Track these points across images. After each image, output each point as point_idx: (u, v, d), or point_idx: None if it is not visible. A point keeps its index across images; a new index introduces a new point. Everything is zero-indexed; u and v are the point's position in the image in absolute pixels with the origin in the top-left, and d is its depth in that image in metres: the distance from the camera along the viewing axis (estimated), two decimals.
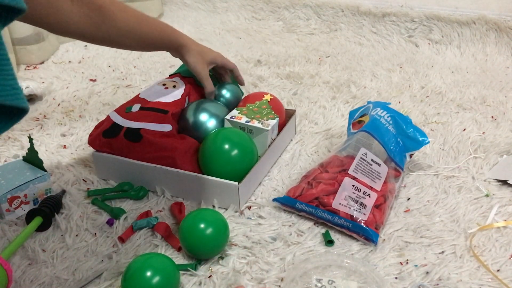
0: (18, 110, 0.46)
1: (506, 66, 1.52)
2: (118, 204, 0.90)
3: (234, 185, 0.85)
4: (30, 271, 0.75)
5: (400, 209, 0.87)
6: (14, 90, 0.45)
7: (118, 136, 0.92)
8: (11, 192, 0.85)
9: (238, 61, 1.59)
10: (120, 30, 0.88)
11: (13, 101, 0.45)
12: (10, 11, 0.43)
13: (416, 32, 1.71)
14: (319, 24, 1.87)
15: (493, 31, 1.60)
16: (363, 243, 0.79)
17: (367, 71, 1.50)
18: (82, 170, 1.00)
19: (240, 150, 0.89)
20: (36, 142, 1.10)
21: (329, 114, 1.23)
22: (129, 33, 0.89)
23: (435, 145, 1.08)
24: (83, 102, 1.32)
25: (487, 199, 0.89)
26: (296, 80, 1.45)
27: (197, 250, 0.75)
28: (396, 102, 1.29)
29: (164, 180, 0.91)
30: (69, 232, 0.83)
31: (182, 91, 1.03)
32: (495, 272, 0.73)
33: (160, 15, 2.07)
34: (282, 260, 0.76)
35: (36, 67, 1.56)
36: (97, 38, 0.87)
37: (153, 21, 0.94)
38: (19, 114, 0.47)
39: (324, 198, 0.83)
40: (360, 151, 0.88)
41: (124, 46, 0.93)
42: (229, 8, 2.05)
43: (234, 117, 0.97)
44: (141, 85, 1.43)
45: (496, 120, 1.18)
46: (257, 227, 0.83)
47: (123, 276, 0.67)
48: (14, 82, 0.45)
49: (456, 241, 0.79)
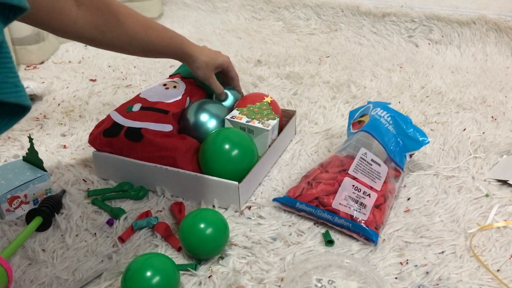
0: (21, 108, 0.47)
1: (506, 66, 1.52)
2: (118, 204, 0.90)
3: (234, 185, 0.85)
4: (30, 271, 0.75)
5: (400, 209, 0.87)
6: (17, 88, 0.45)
7: (118, 135, 0.92)
8: (11, 192, 0.85)
9: (238, 61, 1.59)
10: (127, 37, 0.86)
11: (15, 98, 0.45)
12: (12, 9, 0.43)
13: (416, 32, 1.71)
14: (319, 24, 1.87)
15: (493, 31, 1.60)
16: (363, 243, 0.79)
17: (367, 71, 1.50)
18: (82, 170, 1.00)
19: (240, 150, 0.89)
20: (36, 142, 1.10)
21: (329, 114, 1.23)
22: (136, 40, 0.88)
23: (435, 145, 1.08)
24: (83, 102, 1.32)
25: (487, 199, 0.89)
26: (296, 80, 1.45)
27: (197, 250, 0.75)
28: (396, 102, 1.29)
29: (164, 180, 0.91)
30: (69, 232, 0.83)
31: (182, 92, 1.03)
32: (495, 272, 0.73)
33: (160, 15, 2.07)
34: (282, 260, 0.76)
35: (36, 67, 1.56)
36: (102, 43, 0.85)
37: (161, 29, 0.93)
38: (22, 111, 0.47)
39: (324, 198, 0.83)
40: (360, 151, 0.88)
41: (130, 52, 0.91)
42: (229, 8, 2.05)
43: (235, 117, 0.97)
44: (141, 85, 1.43)
45: (496, 120, 1.18)
46: (257, 227, 0.83)
47: (123, 276, 0.67)
48: (16, 80, 0.45)
49: (456, 241, 0.79)
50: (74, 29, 0.78)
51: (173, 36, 0.95)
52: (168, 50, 0.95)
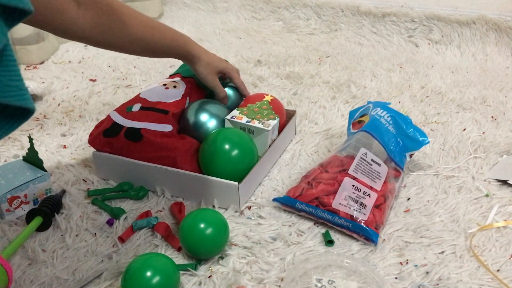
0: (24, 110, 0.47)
1: (506, 66, 1.52)
2: (118, 204, 0.90)
3: (234, 185, 0.85)
4: (30, 271, 0.75)
5: (400, 209, 0.87)
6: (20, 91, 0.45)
7: (118, 135, 0.92)
8: (11, 192, 0.85)
9: (238, 61, 1.59)
10: (129, 37, 0.85)
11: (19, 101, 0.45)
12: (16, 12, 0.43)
13: (416, 32, 1.71)
14: (319, 24, 1.87)
15: (493, 31, 1.60)
16: (363, 243, 0.79)
17: (367, 71, 1.50)
18: (82, 170, 1.00)
19: (240, 150, 0.89)
20: (36, 142, 1.10)
21: (329, 114, 1.23)
22: (140, 40, 0.87)
23: (435, 145, 1.08)
24: (83, 102, 1.32)
25: (487, 199, 0.89)
26: (296, 80, 1.45)
27: (197, 250, 0.75)
28: (396, 102, 1.29)
29: (164, 180, 0.91)
30: (69, 232, 0.83)
31: (182, 91, 1.03)
32: (495, 272, 0.73)
33: (160, 15, 2.07)
34: (282, 260, 0.76)
35: (36, 67, 1.56)
36: (103, 43, 0.84)
37: (165, 29, 0.92)
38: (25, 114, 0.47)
39: (324, 198, 0.83)
40: (360, 151, 0.88)
41: (132, 52, 0.91)
42: (229, 8, 2.05)
43: (235, 117, 0.97)
44: (141, 85, 1.43)
45: (496, 120, 1.18)
46: (257, 227, 0.83)
47: (123, 276, 0.67)
48: (20, 83, 0.45)
49: (456, 241, 0.79)
50: (74, 29, 0.78)
51: (177, 36, 0.95)
52: (172, 50, 0.94)
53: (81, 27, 0.78)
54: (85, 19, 0.78)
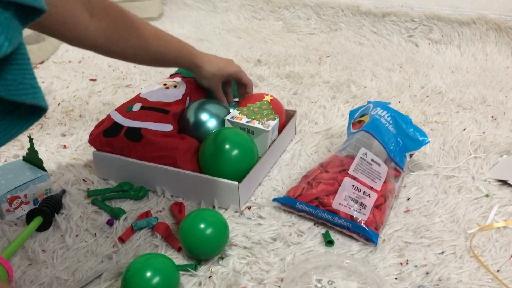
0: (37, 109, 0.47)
1: (506, 66, 1.52)
2: (118, 204, 0.90)
3: (234, 185, 0.85)
4: (30, 272, 0.75)
5: (400, 209, 0.87)
6: (34, 89, 0.45)
7: (118, 135, 0.92)
8: (11, 192, 0.85)
9: (238, 61, 1.59)
10: (140, 47, 0.86)
11: (33, 99, 0.45)
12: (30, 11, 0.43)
13: (416, 32, 1.71)
14: (319, 24, 1.87)
15: (493, 31, 1.60)
16: (363, 243, 0.79)
17: (367, 71, 1.50)
18: (82, 170, 1.00)
19: (240, 150, 0.89)
20: (36, 142, 1.10)
21: (329, 114, 1.23)
22: (146, 50, 0.88)
23: (435, 145, 1.08)
24: (83, 102, 1.32)
25: (487, 199, 0.89)
26: (296, 80, 1.45)
27: (197, 251, 0.75)
28: (396, 102, 1.29)
29: (164, 180, 0.91)
30: (69, 232, 0.83)
31: (183, 91, 1.03)
32: (495, 272, 0.73)
33: (160, 15, 2.07)
34: (282, 260, 0.76)
35: (36, 67, 1.56)
36: (114, 52, 0.85)
37: (171, 39, 0.93)
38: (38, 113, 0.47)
39: (324, 198, 0.83)
40: (360, 151, 0.88)
41: (138, 61, 0.91)
42: (229, 8, 2.05)
43: (235, 118, 0.97)
44: (141, 85, 1.43)
45: (496, 120, 1.18)
46: (257, 227, 0.83)
47: (123, 277, 0.67)
48: (34, 82, 0.45)
49: (456, 242, 0.79)
50: (87, 39, 0.77)
51: (182, 46, 0.95)
52: (177, 60, 0.95)
53: (93, 37, 0.78)
54: (97, 29, 0.78)
